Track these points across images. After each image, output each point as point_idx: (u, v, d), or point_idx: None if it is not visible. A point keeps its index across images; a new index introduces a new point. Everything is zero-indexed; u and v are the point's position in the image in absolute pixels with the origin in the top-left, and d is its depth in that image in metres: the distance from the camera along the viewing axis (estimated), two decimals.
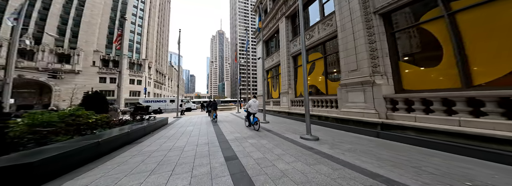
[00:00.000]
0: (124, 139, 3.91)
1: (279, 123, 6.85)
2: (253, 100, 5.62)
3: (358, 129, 4.16)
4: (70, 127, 3.55)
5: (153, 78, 40.67)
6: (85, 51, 29.80)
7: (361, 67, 4.37)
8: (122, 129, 4.34)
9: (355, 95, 4.44)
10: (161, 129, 6.10)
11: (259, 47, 14.65)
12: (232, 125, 6.66)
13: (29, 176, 1.96)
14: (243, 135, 4.83)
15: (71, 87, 26.53)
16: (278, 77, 10.99)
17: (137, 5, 38.16)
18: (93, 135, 3.55)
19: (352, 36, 4.73)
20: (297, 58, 8.80)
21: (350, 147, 3.29)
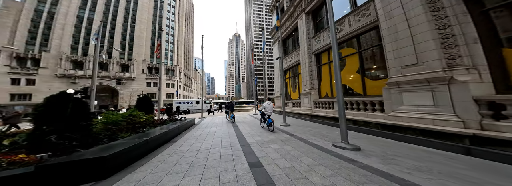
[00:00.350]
0: (164, 138, 4.03)
1: (302, 126, 5.90)
2: (267, 102, 5.61)
3: (423, 140, 2.94)
4: (129, 125, 3.96)
5: (182, 82, 44.55)
6: (137, 61, 34.51)
7: (425, 60, 3.11)
8: (162, 128, 4.50)
9: (416, 96, 3.21)
10: (190, 129, 6.13)
11: (276, 47, 13.87)
12: (251, 127, 6.10)
13: (103, 167, 2.21)
14: (264, 138, 4.34)
15: (130, 91, 32.05)
16: (298, 77, 9.99)
17: (169, 17, 41.83)
18: (143, 133, 3.81)
19: (406, 24, 3.52)
20: (320, 56, 7.67)
21: (419, 164, 2.28)
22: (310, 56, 8.00)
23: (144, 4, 38.10)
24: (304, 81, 8.24)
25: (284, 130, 5.35)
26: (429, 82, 3.03)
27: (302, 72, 8.43)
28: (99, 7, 34.53)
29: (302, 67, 8.53)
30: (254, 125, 6.88)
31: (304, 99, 8.03)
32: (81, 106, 2.86)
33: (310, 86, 7.65)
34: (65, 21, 31.49)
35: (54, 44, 30.34)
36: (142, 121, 4.50)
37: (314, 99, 7.27)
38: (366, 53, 5.16)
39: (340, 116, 3.18)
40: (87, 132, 2.87)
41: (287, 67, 11.54)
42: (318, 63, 7.66)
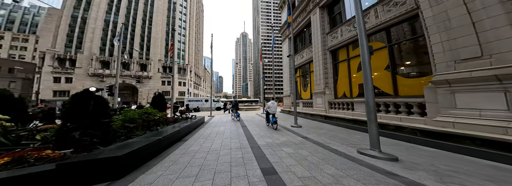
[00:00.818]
0: (176, 136, 3.86)
1: (315, 128, 5.30)
2: (272, 102, 5.70)
3: (486, 153, 2.26)
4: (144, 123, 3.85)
5: (193, 80, 45.86)
6: (153, 60, 35.88)
7: (494, 51, 2.36)
8: (174, 127, 4.30)
9: (479, 97, 2.49)
10: (200, 128, 5.90)
11: (286, 44, 13.14)
12: (260, 128, 5.66)
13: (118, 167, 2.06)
14: (274, 140, 3.91)
15: (147, 89, 34.10)
16: (309, 75, 9.26)
17: (181, 18, 42.57)
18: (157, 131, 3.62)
19: (463, 8, 2.70)
20: (337, 53, 6.87)
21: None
22: (324, 53, 7.24)
23: (159, 6, 39.35)
24: (317, 80, 7.54)
25: (296, 132, 4.81)
26: (500, 80, 2.25)
27: (315, 70, 7.71)
28: (121, 11, 36.51)
29: (315, 65, 7.80)
30: (262, 125, 6.41)
31: (317, 98, 7.35)
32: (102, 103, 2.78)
33: (324, 85, 6.94)
34: (95, 25, 33.94)
35: (86, 46, 33.01)
36: (157, 119, 4.42)
37: (328, 99, 6.57)
38: (399, 47, 4.34)
39: (370, 120, 2.58)
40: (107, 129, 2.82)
41: (298, 65, 10.82)
42: (334, 61, 6.88)
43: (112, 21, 35.98)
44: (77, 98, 2.58)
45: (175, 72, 37.94)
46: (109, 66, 33.78)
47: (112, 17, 36.01)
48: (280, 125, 6.15)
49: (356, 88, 5.59)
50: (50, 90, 30.21)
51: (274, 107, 5.57)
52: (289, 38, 12.58)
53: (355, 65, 5.68)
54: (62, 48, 32.43)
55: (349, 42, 5.82)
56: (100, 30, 34.64)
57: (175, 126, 4.34)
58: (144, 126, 3.77)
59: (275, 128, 5.36)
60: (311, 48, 8.84)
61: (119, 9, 36.51)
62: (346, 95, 6.00)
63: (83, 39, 33.65)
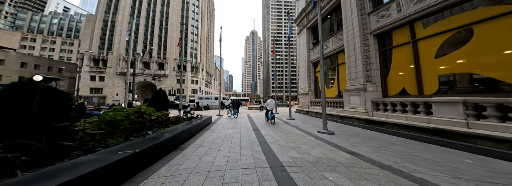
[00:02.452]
0: (169, 144, 2.77)
1: (358, 137, 3.69)
2: (270, 100, 6.35)
3: None
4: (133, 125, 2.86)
5: (204, 79, 46.83)
6: (169, 60, 37.37)
7: None
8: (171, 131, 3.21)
9: None
10: (206, 130, 4.80)
11: (303, 36, 11.29)
12: (277, 133, 4.31)
13: None
14: (304, 155, 2.55)
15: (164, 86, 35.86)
16: (337, 69, 7.47)
17: (194, 17, 42.85)
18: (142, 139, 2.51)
19: None
20: (387, 36, 4.94)
21: None
22: (365, 38, 5.40)
23: (174, 7, 40.40)
24: (350, 74, 5.77)
25: (330, 141, 3.34)
26: None
27: (348, 61, 5.93)
28: (142, 13, 38.67)
29: (347, 55, 6.01)
30: (281, 129, 5.02)
31: (351, 97, 5.62)
32: (58, 98, 1.76)
33: (364, 79, 5.16)
34: (121, 27, 36.81)
35: (115, 47, 36.20)
36: (154, 119, 3.52)
37: (373, 97, 4.83)
38: None
39: None
40: (64, 137, 1.80)
41: (317, 58, 9.04)
42: (382, 47, 5.01)
43: (135, 23, 38.55)
44: (11, 91, 1.56)
45: (188, 71, 38.97)
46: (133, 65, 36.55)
47: (135, 19, 38.57)
48: (302, 130, 4.77)
49: (434, 81, 3.62)
50: (87, 88, 34.28)
51: (272, 105, 6.27)
52: (308, 28, 10.70)
53: (430, 48, 3.72)
54: (96, 50, 36.14)
55: (417, 17, 3.93)
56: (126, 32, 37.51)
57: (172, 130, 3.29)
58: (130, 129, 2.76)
59: (273, 122, 5.93)
60: (340, 36, 7.01)
61: (140, 12, 38.75)
62: (408, 92, 4.13)
63: (113, 41, 36.94)
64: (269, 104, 6.24)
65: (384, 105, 4.45)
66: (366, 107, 4.92)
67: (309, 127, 5.35)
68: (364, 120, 4.83)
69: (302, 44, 11.73)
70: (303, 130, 4.76)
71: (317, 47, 9.48)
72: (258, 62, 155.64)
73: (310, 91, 10.32)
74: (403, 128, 3.66)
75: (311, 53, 10.73)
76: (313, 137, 3.92)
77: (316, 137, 3.93)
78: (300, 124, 5.98)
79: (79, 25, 61.00)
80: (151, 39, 39.16)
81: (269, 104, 6.24)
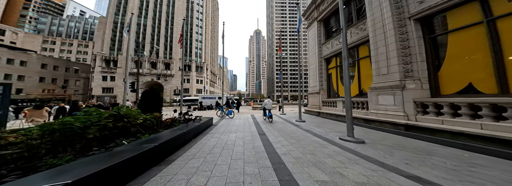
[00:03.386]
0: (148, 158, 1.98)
1: (409, 150, 2.61)
2: (267, 100, 6.97)
3: None
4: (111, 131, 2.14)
5: (209, 78, 46.75)
6: (175, 60, 37.55)
7: None
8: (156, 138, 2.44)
9: None
10: (204, 134, 4.06)
11: (312, 30, 10.17)
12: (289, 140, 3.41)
13: None
14: (338, 180, 1.67)
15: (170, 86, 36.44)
16: (358, 64, 6.37)
17: (198, 17, 42.61)
18: (104, 154, 1.74)
19: None
20: (431, 21, 3.77)
21: None
22: (401, 24, 4.28)
23: (179, 7, 40.49)
24: (379, 69, 4.68)
25: (368, 156, 2.40)
26: None
27: (375, 54, 4.84)
28: (150, 14, 39.23)
29: (374, 46, 4.90)
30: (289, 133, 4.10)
31: (381, 96, 4.55)
32: None
33: (401, 74, 4.04)
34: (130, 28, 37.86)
35: (124, 48, 37.09)
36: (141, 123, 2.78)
37: (416, 97, 3.72)
38: None
39: None
40: None
41: (332, 53, 7.95)
42: (429, 33, 3.86)
43: (143, 24, 39.22)
44: None
45: (193, 70, 38.94)
46: (142, 66, 37.42)
47: (142, 20, 39.21)
48: (319, 135, 3.84)
49: None
50: (100, 88, 35.58)
51: (270, 104, 6.66)
52: (319, 20, 9.57)
53: None
54: (107, 51, 37.36)
55: None
56: (134, 33, 38.29)
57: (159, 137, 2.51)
58: (97, 139, 1.93)
59: (270, 121, 6.31)
60: (362, 26, 5.91)
61: (148, 13, 39.35)
62: (478, 89, 2.97)
63: (122, 42, 37.96)
64: (266, 103, 6.71)
65: (437, 107, 3.35)
66: (405, 109, 3.84)
67: (326, 131, 4.38)
68: (403, 125, 3.76)
69: (311, 39, 10.62)
70: (320, 136, 3.80)
71: (330, 40, 8.37)
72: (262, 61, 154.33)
73: (321, 90, 9.24)
74: (476, 139, 2.58)
75: (323, 48, 9.60)
76: (336, 146, 2.97)
77: (341, 146, 2.97)
78: (313, 128, 5.00)
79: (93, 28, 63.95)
80: (158, 39, 39.67)
81: (267, 103, 6.71)
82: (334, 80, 8.27)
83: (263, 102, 7.05)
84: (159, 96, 3.97)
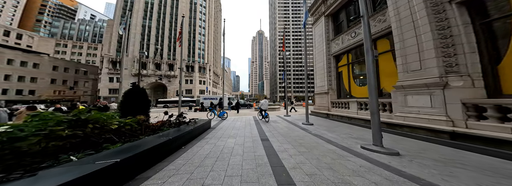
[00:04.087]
0: (104, 179, 1.36)
1: (448, 162, 1.77)
2: (264, 100, 7.02)
3: None
4: (72, 139, 1.58)
5: (212, 79, 46.68)
6: (178, 60, 38.19)
7: None
8: (127, 150, 1.84)
9: None
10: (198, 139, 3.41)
11: (319, 26, 9.43)
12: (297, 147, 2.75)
13: None
14: None
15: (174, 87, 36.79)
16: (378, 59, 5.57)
17: (201, 18, 42.64)
18: None
19: None
20: (484, 4, 2.92)
21: None
22: (438, 10, 3.47)
23: (182, 8, 40.79)
24: (407, 64, 3.90)
25: (414, 176, 1.61)
26: None
27: (402, 46, 4.06)
28: (154, 16, 39.77)
29: (399, 38, 4.12)
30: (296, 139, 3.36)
31: (412, 96, 3.74)
32: None
33: (441, 69, 3.22)
34: (135, 30, 38.30)
35: (130, 50, 37.74)
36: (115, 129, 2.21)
37: (465, 97, 2.86)
38: None
39: None
40: None
41: (344, 48, 7.19)
42: (481, 18, 3.06)
43: (148, 25, 39.81)
44: None
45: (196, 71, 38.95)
46: (146, 67, 37.92)
47: (147, 22, 39.83)
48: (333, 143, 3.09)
49: None
50: (107, 89, 36.32)
51: (266, 105, 6.75)
52: (327, 15, 8.80)
53: None
54: (114, 53, 38.18)
55: None
56: (139, 35, 38.88)
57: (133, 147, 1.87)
58: (38, 153, 1.33)
59: (266, 121, 6.32)
60: (380, 17, 5.16)
61: (152, 15, 39.99)
62: None
63: (128, 43, 38.70)
64: (263, 104, 6.76)
65: (499, 111, 2.54)
66: (449, 113, 3.03)
67: (341, 137, 3.63)
68: (448, 133, 2.94)
69: (318, 35, 9.87)
70: (336, 143, 3.07)
71: (340, 36, 7.61)
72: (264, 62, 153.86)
73: (330, 90, 8.44)
74: None
75: (332, 44, 8.82)
76: (361, 158, 2.26)
77: (368, 159, 2.24)
78: (324, 132, 4.27)
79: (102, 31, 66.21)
80: (162, 40, 40.09)
81: (263, 104, 6.75)
82: (345, 79, 7.47)
83: (260, 103, 7.18)
84: (145, 96, 3.38)
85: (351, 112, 6.13)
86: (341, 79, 7.76)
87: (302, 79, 74.37)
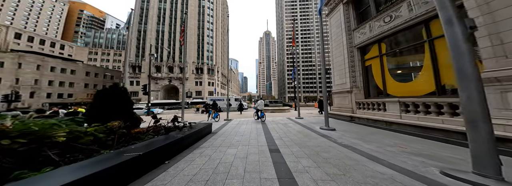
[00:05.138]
0: None
1: None
2: (260, 101, 7.16)
3: None
4: None
5: (220, 81, 47.14)
6: (188, 63, 38.61)
7: None
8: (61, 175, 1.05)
9: None
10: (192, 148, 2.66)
11: (336, 16, 7.99)
12: (324, 166, 1.68)
13: None
14: None
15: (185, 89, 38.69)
16: (431, 47, 4.06)
17: (209, 20, 43.53)
18: None
19: None
20: None
21: None
22: None
23: (192, 11, 42.28)
24: (502, 46, 2.48)
25: None
26: None
27: (496, 18, 2.64)
28: (166, 21, 42.18)
29: (480, 10, 2.70)
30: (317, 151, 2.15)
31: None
32: None
33: None
34: (151, 35, 41.04)
35: (146, 54, 40.55)
36: (64, 142, 1.49)
37: None
38: None
39: None
40: None
41: (374, 37, 5.74)
42: None
43: (161, 30, 42.30)
44: None
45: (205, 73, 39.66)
46: (160, 70, 40.17)
47: (161, 27, 42.33)
48: (381, 161, 1.79)
49: None
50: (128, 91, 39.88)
51: (262, 105, 6.98)
52: (345, 2, 7.38)
53: None
54: (134, 58, 41.41)
55: None
56: (154, 40, 41.49)
57: (64, 173, 0.95)
58: None
59: (263, 120, 6.52)
60: None
61: (165, 20, 42.36)
62: None
63: (144, 48, 41.61)
64: (259, 104, 6.88)
65: None
66: None
67: (388, 152, 2.39)
68: None
69: (335, 26, 8.43)
70: (386, 163, 1.95)
71: (367, 23, 6.19)
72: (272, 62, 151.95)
73: (354, 88, 6.96)
74: None
75: (355, 34, 7.37)
76: None
77: None
78: (357, 142, 3.04)
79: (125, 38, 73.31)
80: (173, 44, 41.98)
81: (259, 104, 6.87)
82: (376, 74, 5.96)
83: (256, 103, 7.13)
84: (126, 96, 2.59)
85: (390, 115, 4.67)
86: (370, 75, 6.26)
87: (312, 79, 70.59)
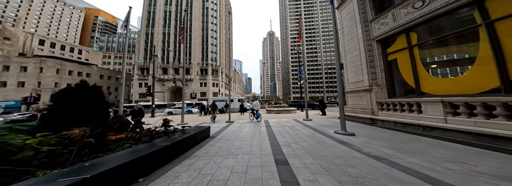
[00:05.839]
0: None
1: None
2: (256, 101, 7.85)
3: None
4: None
5: (224, 81, 47.10)
6: (193, 64, 39.10)
7: None
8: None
9: None
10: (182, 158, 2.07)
11: (347, 8, 7.13)
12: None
13: None
14: None
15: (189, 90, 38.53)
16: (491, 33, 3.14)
17: (213, 21, 43.89)
18: None
19: None
20: None
21: None
22: None
23: (196, 13, 42.91)
24: None
25: None
26: None
27: None
28: (172, 23, 43.29)
29: None
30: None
31: None
32: None
33: None
34: (158, 38, 42.44)
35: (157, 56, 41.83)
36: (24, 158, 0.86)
37: None
38: None
39: None
40: None
41: (399, 27, 4.85)
42: None
43: (167, 32, 43.41)
44: None
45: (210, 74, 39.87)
46: (167, 72, 41.10)
47: (167, 29, 43.45)
48: None
49: None
50: (137, 93, 40.56)
51: (258, 106, 7.27)
52: None
53: None
54: (142, 60, 42.89)
55: None
56: (161, 42, 42.70)
57: None
58: None
59: (259, 120, 6.80)
60: None
61: (171, 22, 43.46)
62: None
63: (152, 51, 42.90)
64: (255, 105, 7.12)
65: None
66: None
67: (453, 172, 1.58)
68: None
69: (348, 19, 7.55)
70: None
71: (389, 12, 5.34)
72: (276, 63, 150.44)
73: (375, 86, 6.08)
74: None
75: (373, 26, 6.49)
76: None
77: None
78: (392, 154, 2.27)
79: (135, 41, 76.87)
80: (179, 46, 42.87)
81: (255, 105, 7.14)
82: (405, 69, 5.06)
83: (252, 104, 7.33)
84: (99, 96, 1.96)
85: (429, 118, 3.79)
86: (395, 71, 5.35)
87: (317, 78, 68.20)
